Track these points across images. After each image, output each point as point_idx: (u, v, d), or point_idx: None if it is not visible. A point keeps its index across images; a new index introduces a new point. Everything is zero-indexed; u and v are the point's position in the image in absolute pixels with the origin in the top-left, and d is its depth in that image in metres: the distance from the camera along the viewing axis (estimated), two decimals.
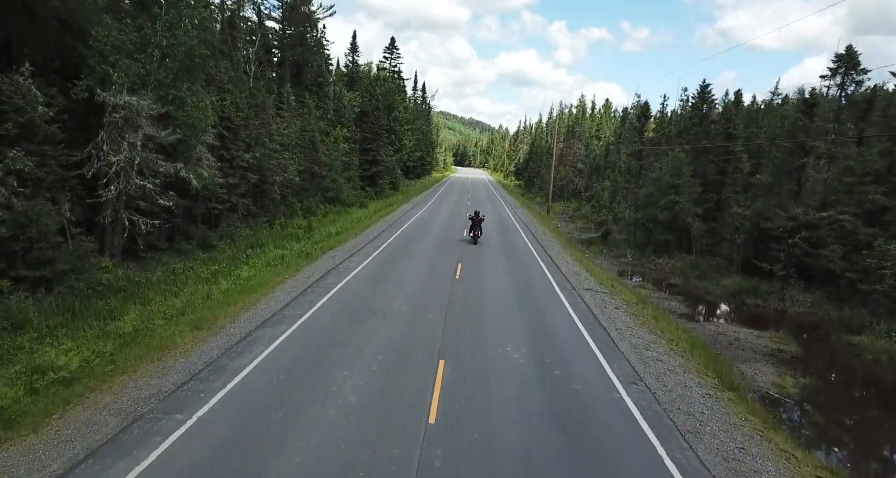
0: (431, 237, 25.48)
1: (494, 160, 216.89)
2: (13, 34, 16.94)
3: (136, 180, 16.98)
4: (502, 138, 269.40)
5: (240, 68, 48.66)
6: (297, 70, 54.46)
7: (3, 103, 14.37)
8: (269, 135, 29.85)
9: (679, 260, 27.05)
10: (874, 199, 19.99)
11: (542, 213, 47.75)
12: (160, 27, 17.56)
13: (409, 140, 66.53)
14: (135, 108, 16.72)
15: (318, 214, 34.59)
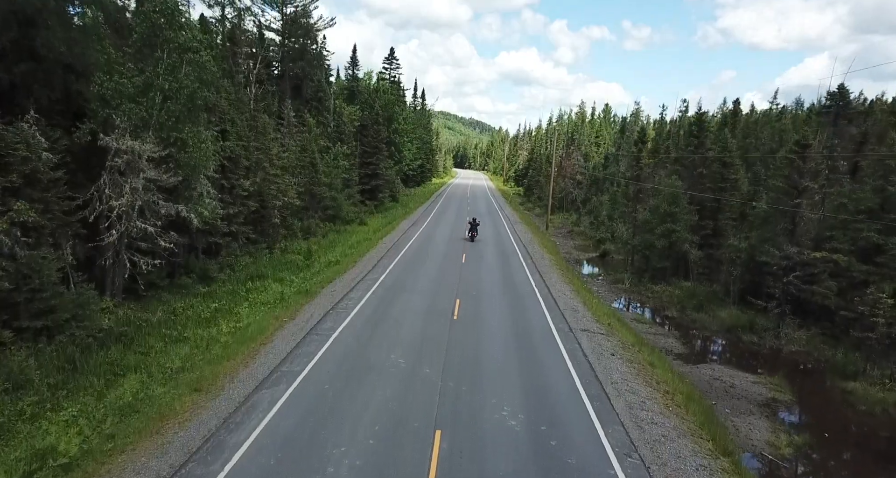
0: (430, 266, 25.60)
1: (494, 163, 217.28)
2: (20, 78, 17.13)
3: (138, 223, 17.11)
4: (502, 141, 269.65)
5: (240, 86, 48.87)
6: (297, 84, 54.62)
7: (9, 155, 14.52)
8: (270, 159, 29.99)
9: (676, 287, 27.18)
10: (868, 237, 20.15)
11: (540, 229, 47.87)
12: (162, 71, 17.70)
13: (408, 152, 66.68)
14: (137, 152, 16.86)
15: (317, 235, 34.74)
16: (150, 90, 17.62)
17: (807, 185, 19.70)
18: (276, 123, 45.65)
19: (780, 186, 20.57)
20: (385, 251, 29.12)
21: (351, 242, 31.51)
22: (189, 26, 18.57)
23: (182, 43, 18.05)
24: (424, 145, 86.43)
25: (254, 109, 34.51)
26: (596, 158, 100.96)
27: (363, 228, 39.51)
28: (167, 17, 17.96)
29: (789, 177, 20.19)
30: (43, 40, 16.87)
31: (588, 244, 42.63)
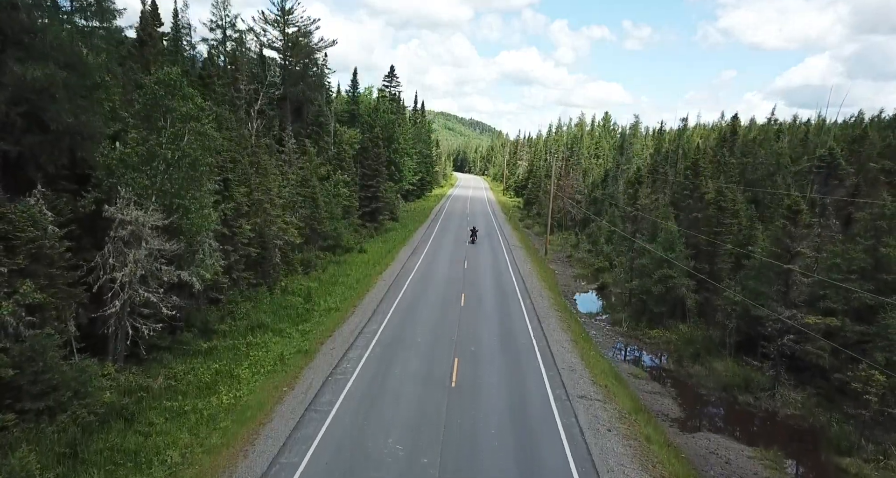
0: (427, 312, 25.77)
1: (495, 169, 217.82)
2: (27, 149, 17.36)
3: (141, 291, 17.29)
4: (502, 146, 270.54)
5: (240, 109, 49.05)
6: (298, 106, 54.86)
7: (16, 238, 14.70)
8: (271, 199, 30.16)
9: (674, 331, 27.38)
10: (861, 297, 20.35)
11: (539, 253, 48.05)
12: (165, 140, 17.90)
13: (408, 171, 66.88)
14: (141, 222, 17.04)
15: (317, 268, 34.91)
16: (153, 159, 17.82)
17: (799, 249, 19.91)
18: (277, 149, 45.95)
19: (773, 249, 20.78)
20: (384, 291, 29.28)
21: (350, 280, 31.65)
22: (191, 96, 18.73)
23: (185, 112, 18.23)
24: (424, 159, 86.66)
25: (255, 145, 34.70)
26: (596, 170, 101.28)
27: (363, 258, 39.68)
28: (169, 88, 18.15)
29: (781, 240, 20.40)
30: (52, 113, 17.10)
31: (587, 273, 42.82)
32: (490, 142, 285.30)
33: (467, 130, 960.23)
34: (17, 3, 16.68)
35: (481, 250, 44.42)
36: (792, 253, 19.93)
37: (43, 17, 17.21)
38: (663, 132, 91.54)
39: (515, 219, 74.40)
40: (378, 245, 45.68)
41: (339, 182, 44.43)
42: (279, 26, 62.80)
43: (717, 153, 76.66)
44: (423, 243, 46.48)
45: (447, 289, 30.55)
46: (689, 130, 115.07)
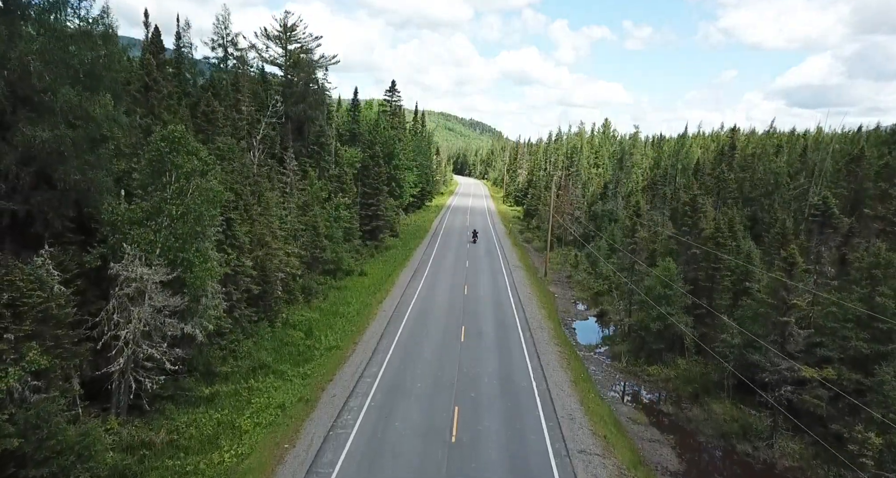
0: (428, 351, 25.94)
1: (495, 173, 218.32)
2: (35, 206, 17.57)
3: (145, 347, 17.47)
4: (502, 149, 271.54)
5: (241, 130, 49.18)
6: (299, 125, 55.05)
7: (23, 304, 14.86)
8: (273, 233, 30.33)
9: (672, 367, 27.58)
10: (857, 346, 20.57)
11: (539, 274, 48.22)
12: (169, 195, 18.08)
13: (409, 187, 67.06)
14: (145, 280, 17.22)
15: (318, 295, 35.08)
16: (158, 214, 18.00)
17: (794, 302, 20.10)
18: (279, 171, 46.13)
19: (769, 301, 20.98)
20: (384, 325, 29.46)
21: (350, 311, 31.84)
22: (196, 151, 18.92)
23: (190, 168, 18.41)
24: (424, 170, 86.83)
25: (256, 174, 34.87)
26: (596, 181, 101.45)
27: (363, 282, 39.87)
28: (174, 144, 18.33)
29: (777, 292, 20.60)
30: (60, 172, 17.31)
31: (586, 296, 43.01)
32: (490, 145, 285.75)
33: (467, 131, 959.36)
34: (28, 68, 16.89)
35: (482, 272, 44.59)
36: (788, 305, 20.13)
37: (54, 79, 17.41)
38: (662, 145, 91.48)
39: (515, 233, 74.57)
40: (379, 266, 45.87)
41: (340, 205, 44.61)
42: (281, 42, 63.04)
43: (715, 168, 77.01)
44: (423, 265, 46.65)
45: (447, 321, 30.72)
46: (688, 140, 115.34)
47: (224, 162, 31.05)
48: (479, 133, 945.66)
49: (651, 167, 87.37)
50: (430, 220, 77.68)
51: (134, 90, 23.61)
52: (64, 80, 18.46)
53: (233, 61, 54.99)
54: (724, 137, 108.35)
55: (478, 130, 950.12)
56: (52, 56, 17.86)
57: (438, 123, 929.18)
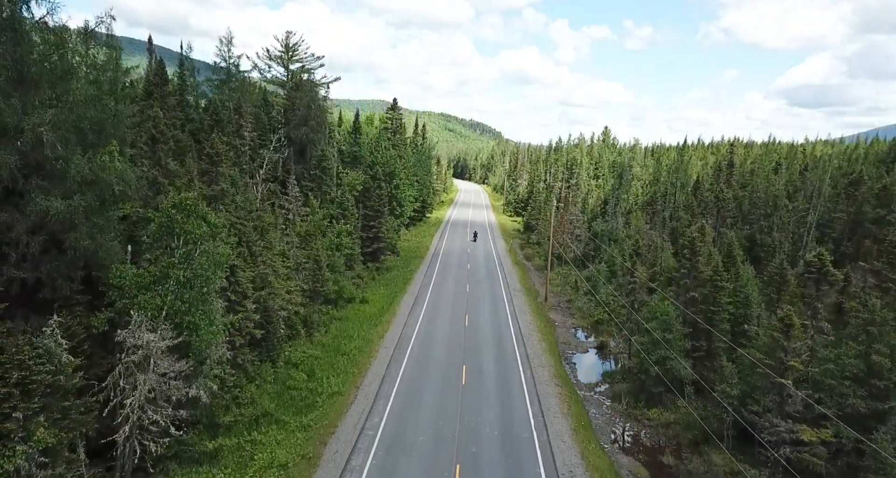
0: (429, 397, 26.18)
1: (496, 178, 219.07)
2: (45, 273, 17.81)
3: (150, 413, 17.70)
4: (502, 154, 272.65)
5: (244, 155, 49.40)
6: (301, 148, 55.34)
7: (32, 382, 15.09)
8: (275, 272, 30.57)
9: (673, 410, 27.84)
10: (855, 404, 20.82)
11: (539, 298, 48.47)
12: (177, 260, 18.32)
13: (409, 204, 67.31)
14: (152, 347, 17.46)
15: (319, 328, 35.33)
16: (166, 280, 18.24)
17: (792, 363, 20.37)
18: (281, 193, 46.38)
19: (767, 361, 21.24)
20: (385, 365, 29.72)
21: (352, 347, 32.06)
22: (204, 214, 19.16)
23: (199, 234, 18.65)
24: (424, 185, 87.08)
25: (259, 209, 35.11)
26: (596, 192, 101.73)
27: (365, 310, 40.14)
28: (184, 211, 18.57)
29: (773, 353, 20.86)
30: (71, 240, 17.56)
31: (587, 324, 43.30)
32: (490, 149, 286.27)
33: (468, 131, 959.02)
34: (42, 139, 17.15)
35: (482, 299, 44.80)
36: (786, 366, 20.39)
37: (66, 150, 17.66)
38: (661, 159, 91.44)
39: (515, 249, 74.76)
40: (380, 291, 46.13)
41: (342, 231, 44.87)
42: (283, 62, 63.37)
43: (714, 185, 77.30)
44: (423, 289, 46.89)
45: (448, 359, 30.94)
46: (688, 151, 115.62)
47: (226, 201, 31.37)
48: (479, 134, 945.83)
49: (650, 182, 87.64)
50: (431, 234, 77.81)
51: (142, 142, 23.85)
52: (74, 147, 18.74)
53: (235, 84, 55.28)
54: (724, 149, 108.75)
55: (478, 131, 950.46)
56: (64, 125, 18.14)
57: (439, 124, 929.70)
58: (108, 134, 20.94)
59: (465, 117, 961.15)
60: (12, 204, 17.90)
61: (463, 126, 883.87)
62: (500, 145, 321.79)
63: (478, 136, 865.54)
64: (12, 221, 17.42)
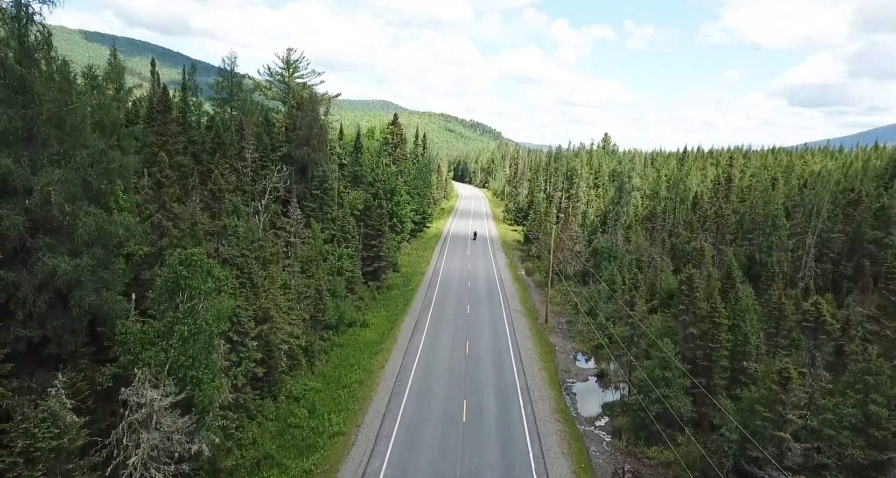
0: (430, 438, 26.32)
1: (496, 183, 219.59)
2: (51, 331, 17.97)
3: (152, 471, 17.84)
4: (503, 158, 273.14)
5: (246, 176, 49.51)
6: (303, 167, 55.50)
7: (37, 449, 15.23)
8: (277, 306, 30.70)
9: (672, 449, 27.99)
10: (853, 454, 20.98)
11: (539, 320, 48.61)
12: (182, 315, 18.46)
13: (409, 220, 67.47)
14: (155, 406, 17.60)
15: (320, 357, 35.47)
16: (170, 335, 18.39)
17: (790, 416, 20.53)
18: (283, 216, 46.50)
19: (766, 415, 21.39)
20: (386, 400, 29.85)
21: (352, 379, 32.21)
22: (210, 268, 19.29)
23: (205, 289, 18.79)
24: (424, 196, 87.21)
25: (261, 239, 35.23)
26: (596, 202, 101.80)
27: (365, 335, 40.33)
28: (191, 267, 18.71)
29: (772, 405, 21.03)
30: (76, 298, 17.71)
31: (587, 349, 43.48)
32: (490, 153, 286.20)
33: (468, 132, 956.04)
34: (49, 199, 17.30)
35: (482, 323, 44.91)
36: (784, 419, 20.55)
37: (74, 206, 17.82)
38: (661, 171, 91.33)
39: (516, 262, 74.80)
40: (381, 313, 46.31)
41: (343, 255, 45.01)
42: (284, 78, 63.55)
43: (713, 200, 77.49)
44: (424, 311, 47.03)
45: (449, 392, 31.06)
46: (687, 163, 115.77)
47: (228, 236, 31.53)
48: (479, 134, 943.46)
49: (650, 195, 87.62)
50: (431, 247, 77.81)
51: (147, 186, 24.00)
52: (82, 202, 18.90)
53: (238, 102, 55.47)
54: (724, 160, 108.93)
55: (478, 131, 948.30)
56: (72, 185, 18.30)
57: (439, 125, 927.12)
58: (115, 181, 21.11)
59: (465, 118, 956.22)
60: (19, 261, 18.06)
61: (463, 126, 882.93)
62: (501, 149, 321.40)
63: (478, 136, 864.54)
64: (19, 279, 17.58)
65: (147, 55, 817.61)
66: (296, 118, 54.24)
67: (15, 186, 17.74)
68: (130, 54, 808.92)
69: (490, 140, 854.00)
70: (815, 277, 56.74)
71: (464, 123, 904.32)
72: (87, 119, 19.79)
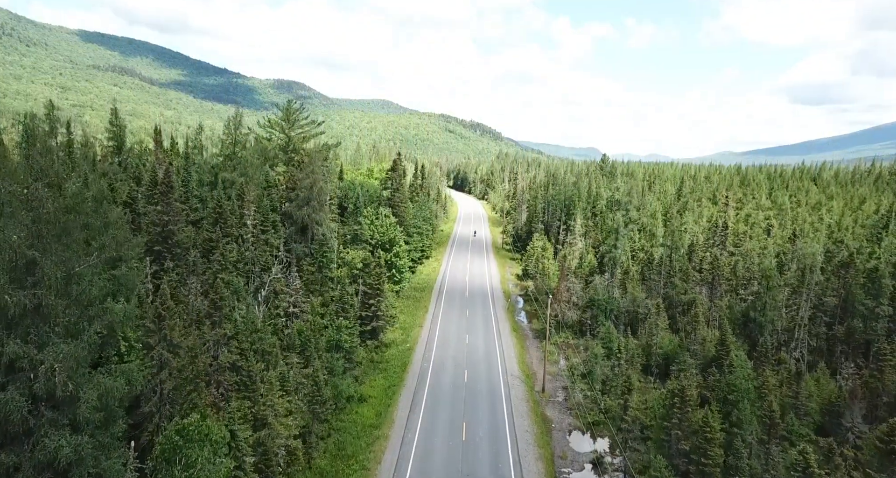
0: None
1: (497, 196, 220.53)
2: None
3: None
4: (502, 169, 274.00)
5: (247, 241, 49.78)
6: (303, 226, 55.83)
7: None
8: (275, 412, 31.03)
9: None
10: None
11: (537, 388, 49.00)
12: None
13: (408, 272, 67.87)
14: None
15: (318, 446, 35.81)
16: None
17: None
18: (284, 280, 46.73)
19: None
20: None
21: (351, 471, 32.62)
22: (209, 431, 19.61)
23: (201, 458, 19.11)
24: (424, 234, 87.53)
25: (261, 331, 35.54)
26: (593, 235, 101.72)
27: (363, 413, 40.67)
28: (188, 437, 19.03)
29: None
30: (76, 476, 17.99)
31: (584, 425, 43.90)
32: (490, 165, 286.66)
33: (468, 132, 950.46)
34: (54, 375, 17.58)
35: (480, 397, 45.11)
36: None
37: (77, 379, 18.09)
38: (657, 218, 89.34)
39: (514, 310, 74.71)
40: (378, 381, 46.68)
41: (342, 327, 45.35)
42: (283, 129, 63.93)
43: (708, 247, 77.94)
44: (421, 382, 47.31)
45: None
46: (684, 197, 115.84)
47: (230, 321, 31.90)
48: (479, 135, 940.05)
49: (647, 231, 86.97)
50: (430, 290, 77.37)
51: (149, 321, 24.28)
52: (85, 372, 19.19)
53: (239, 161, 55.76)
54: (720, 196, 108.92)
55: (478, 132, 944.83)
56: (78, 360, 18.58)
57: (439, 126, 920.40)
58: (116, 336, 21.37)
59: (465, 118, 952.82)
60: (19, 441, 18.32)
61: (463, 127, 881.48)
62: (500, 159, 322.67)
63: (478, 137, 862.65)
64: (19, 461, 17.86)
65: (147, 55, 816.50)
66: (297, 179, 54.55)
67: (21, 366, 18.03)
68: (130, 54, 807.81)
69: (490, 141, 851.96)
70: (809, 338, 57.32)
71: (464, 123, 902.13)
72: (95, 285, 20.04)
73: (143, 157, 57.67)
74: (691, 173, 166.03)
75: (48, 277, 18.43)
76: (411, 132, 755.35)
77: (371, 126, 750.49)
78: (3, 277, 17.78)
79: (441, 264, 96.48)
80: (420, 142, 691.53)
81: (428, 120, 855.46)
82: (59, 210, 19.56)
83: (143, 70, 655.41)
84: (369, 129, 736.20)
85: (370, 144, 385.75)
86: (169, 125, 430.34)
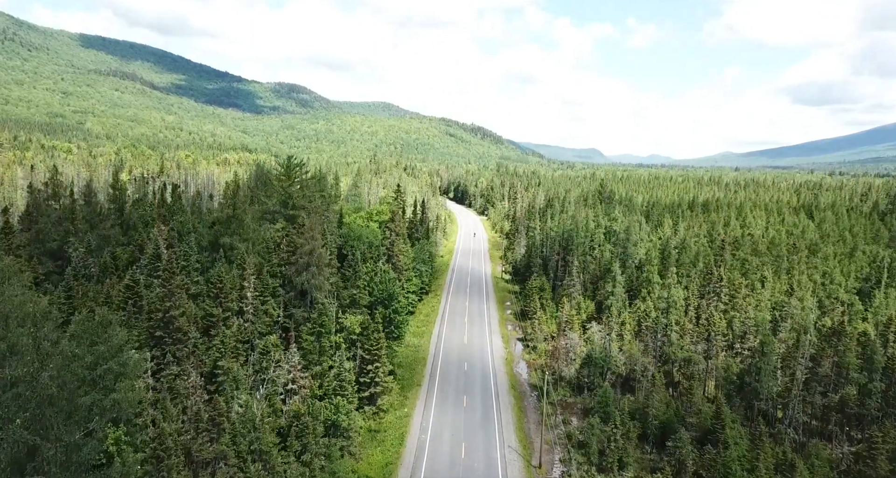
0: None
1: (496, 213, 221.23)
2: None
3: None
4: (501, 185, 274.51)
5: (247, 313, 50.05)
6: (302, 291, 56.02)
7: None
8: None
9: None
10: None
11: (533, 462, 49.20)
12: None
13: (408, 334, 68.24)
14: None
15: None
16: None
17: None
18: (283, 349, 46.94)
19: None
20: None
21: None
22: None
23: None
24: (423, 272, 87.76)
25: (259, 429, 35.68)
26: (592, 267, 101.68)
27: None
28: None
29: None
30: None
31: None
32: (489, 181, 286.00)
33: (468, 136, 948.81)
34: None
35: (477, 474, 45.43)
36: None
37: None
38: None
39: (513, 360, 74.57)
40: (376, 457, 46.89)
41: (341, 405, 45.56)
42: (283, 184, 64.12)
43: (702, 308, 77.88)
44: (419, 455, 47.51)
45: None
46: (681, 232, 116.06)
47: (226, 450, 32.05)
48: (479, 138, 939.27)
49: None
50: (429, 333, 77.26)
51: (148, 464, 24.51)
52: None
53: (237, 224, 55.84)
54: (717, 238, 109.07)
55: (479, 135, 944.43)
56: None
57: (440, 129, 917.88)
58: None
59: (465, 122, 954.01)
60: None
61: (463, 131, 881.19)
62: (500, 174, 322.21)
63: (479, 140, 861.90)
64: None
65: (147, 59, 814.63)
66: (296, 245, 54.78)
67: None
68: (131, 58, 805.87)
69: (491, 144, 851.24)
70: (804, 406, 57.63)
71: (464, 127, 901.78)
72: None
73: (146, 208, 57.71)
74: (689, 199, 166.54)
75: (48, 462, 18.64)
76: (412, 137, 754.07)
77: (372, 130, 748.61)
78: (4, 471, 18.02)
79: (439, 305, 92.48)
80: (421, 146, 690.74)
81: (429, 124, 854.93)
82: (65, 390, 19.79)
83: (144, 74, 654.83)
84: (370, 133, 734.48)
85: (370, 153, 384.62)
86: (170, 132, 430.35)
